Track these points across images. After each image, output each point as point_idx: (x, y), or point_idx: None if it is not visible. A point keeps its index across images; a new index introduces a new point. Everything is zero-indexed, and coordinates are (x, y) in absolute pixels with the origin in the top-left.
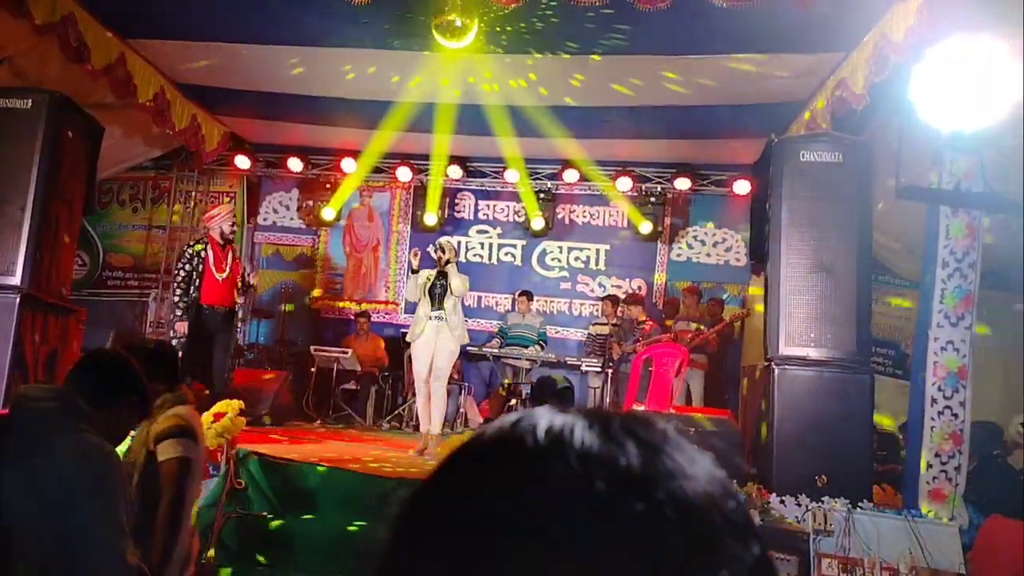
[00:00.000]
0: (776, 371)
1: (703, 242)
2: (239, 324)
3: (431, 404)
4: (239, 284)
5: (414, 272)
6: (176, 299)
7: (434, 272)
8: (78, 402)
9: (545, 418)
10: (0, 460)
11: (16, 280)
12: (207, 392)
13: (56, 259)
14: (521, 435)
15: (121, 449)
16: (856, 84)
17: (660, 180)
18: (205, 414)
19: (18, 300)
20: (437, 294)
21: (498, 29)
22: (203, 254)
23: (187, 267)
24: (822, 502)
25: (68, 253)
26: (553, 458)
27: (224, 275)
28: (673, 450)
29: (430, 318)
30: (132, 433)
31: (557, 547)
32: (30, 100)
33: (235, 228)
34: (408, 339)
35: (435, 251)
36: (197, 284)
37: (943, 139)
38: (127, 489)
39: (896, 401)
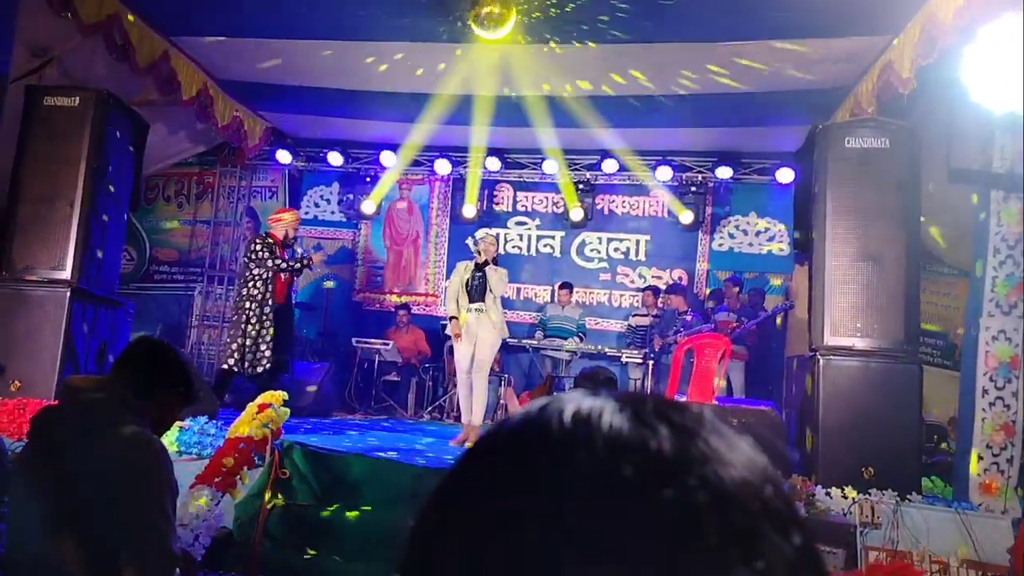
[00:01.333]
0: (821, 361)
1: (745, 232)
2: (292, 318)
3: (473, 395)
4: (300, 266)
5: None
6: (296, 265)
7: (471, 264)
8: (125, 393)
9: (574, 402)
10: (51, 450)
11: (67, 275)
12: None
13: (105, 254)
14: (547, 419)
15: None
16: (903, 68)
17: (701, 169)
18: (250, 405)
19: (69, 294)
20: (475, 287)
21: (536, 19)
22: (277, 252)
23: (259, 270)
24: (869, 494)
25: (116, 248)
26: (579, 442)
27: (285, 273)
28: (709, 434)
29: (469, 310)
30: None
31: (581, 535)
32: (77, 98)
33: (297, 236)
34: (450, 332)
35: (473, 244)
36: (272, 280)
37: (995, 121)
38: (173, 479)
39: (945, 392)
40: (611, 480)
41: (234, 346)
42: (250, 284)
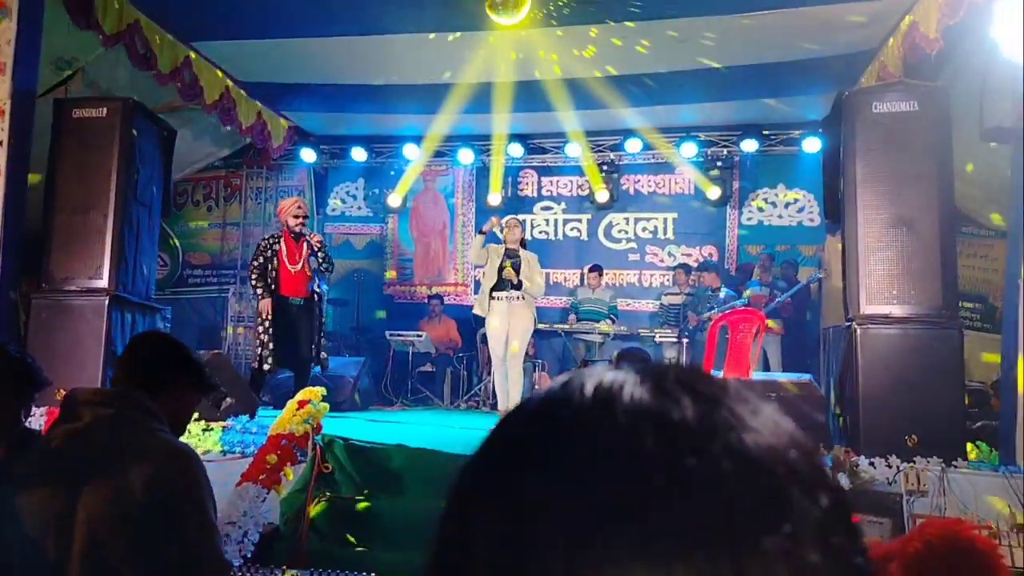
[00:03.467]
0: (859, 331)
1: (774, 204)
2: (320, 312)
3: (508, 382)
4: (318, 262)
5: (481, 233)
6: (253, 290)
7: (502, 250)
8: (138, 399)
9: (595, 376)
10: (76, 473)
11: (104, 283)
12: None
13: (140, 261)
14: (569, 394)
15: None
16: (929, 28)
17: (726, 143)
18: (290, 402)
19: (107, 302)
20: (504, 275)
21: (552, 2)
22: (275, 247)
23: (258, 260)
24: (914, 462)
25: (150, 254)
26: (599, 415)
27: (297, 267)
28: (732, 401)
29: (499, 299)
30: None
31: (605, 508)
32: (105, 109)
33: (300, 220)
34: (476, 313)
35: (500, 230)
36: (274, 276)
37: None
38: (209, 485)
39: (987, 355)
40: (634, 451)
41: (255, 345)
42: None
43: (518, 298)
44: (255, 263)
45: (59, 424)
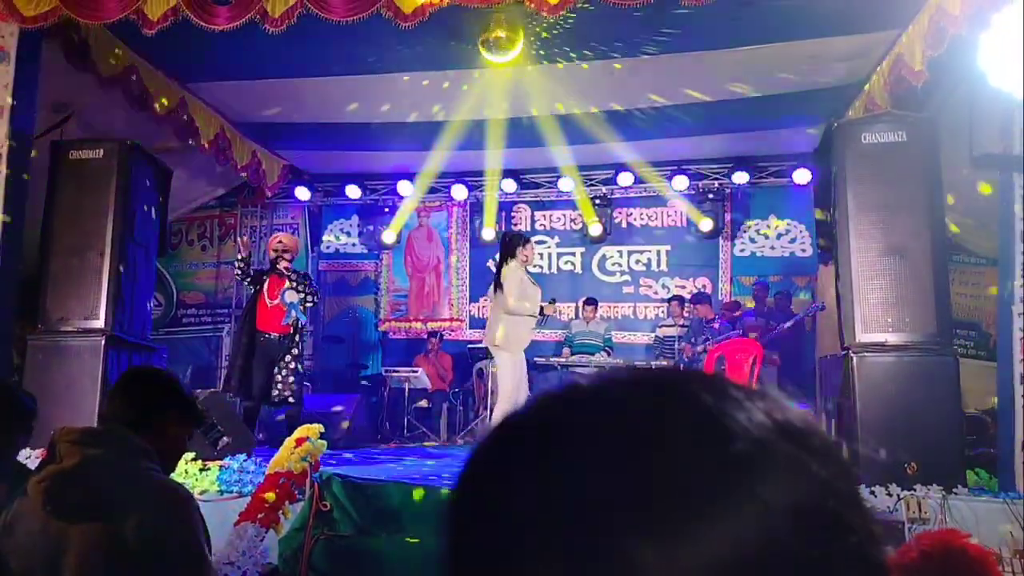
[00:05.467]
0: (855, 359)
1: (766, 235)
2: (296, 350)
3: None
4: (299, 294)
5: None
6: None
7: (526, 274)
8: (128, 438)
9: (583, 378)
10: (66, 514)
11: (100, 323)
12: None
13: (136, 301)
14: (564, 393)
15: None
16: (914, 60)
17: (717, 176)
18: (287, 439)
19: (103, 342)
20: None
21: (543, 40)
22: (264, 278)
23: (242, 267)
24: (914, 490)
25: (146, 295)
26: (597, 409)
27: (274, 302)
28: (737, 391)
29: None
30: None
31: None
32: (102, 150)
33: (279, 256)
34: (509, 349)
35: (531, 252)
36: (251, 310)
37: (1015, 106)
38: (204, 525)
39: (982, 383)
40: (639, 433)
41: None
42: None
43: (538, 327)
44: (239, 270)
45: (47, 464)
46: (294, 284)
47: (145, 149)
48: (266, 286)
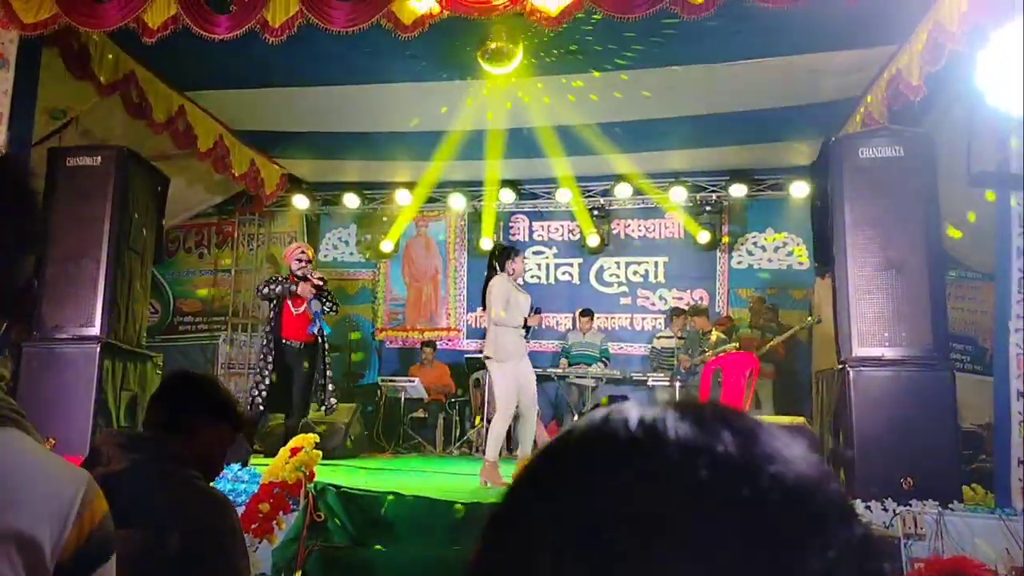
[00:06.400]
0: (851, 373)
1: (763, 248)
2: (324, 357)
3: (523, 430)
4: (322, 301)
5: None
6: (268, 291)
7: (514, 287)
8: (171, 445)
9: (635, 411)
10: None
11: (96, 330)
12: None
13: (131, 308)
14: (615, 429)
15: None
16: (912, 76)
17: (715, 188)
18: (282, 449)
19: (98, 349)
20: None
21: (543, 52)
22: (291, 288)
23: (268, 288)
24: (910, 505)
25: (142, 302)
26: (651, 449)
27: (299, 310)
28: (767, 437)
29: (519, 338)
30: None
31: (668, 537)
32: (99, 157)
33: (303, 264)
34: (500, 358)
35: (519, 264)
36: (277, 319)
37: (1013, 123)
38: (243, 534)
39: (979, 398)
40: (689, 483)
41: (253, 383)
42: (265, 324)
43: (526, 339)
44: (266, 289)
45: (94, 466)
46: (318, 293)
47: (143, 156)
48: (290, 296)
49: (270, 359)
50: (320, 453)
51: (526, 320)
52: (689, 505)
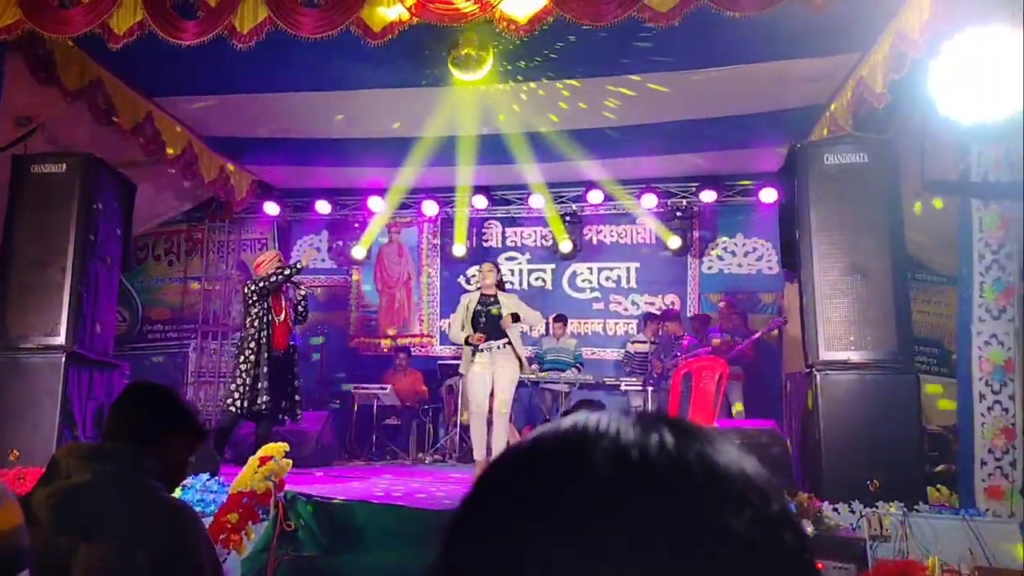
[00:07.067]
0: (818, 377)
1: (733, 253)
2: (296, 363)
3: (495, 433)
4: (298, 310)
5: (467, 344)
6: (251, 343)
7: (477, 297)
8: (136, 456)
9: (581, 416)
10: (74, 530)
11: (61, 340)
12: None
13: (98, 317)
14: (558, 431)
15: None
16: (875, 83)
17: (685, 194)
18: (252, 458)
19: (64, 359)
20: (483, 324)
21: (514, 59)
22: (269, 298)
23: (255, 309)
24: (876, 507)
25: (109, 311)
26: (590, 446)
27: (281, 318)
28: (705, 434)
29: (480, 350)
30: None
31: (600, 529)
32: (64, 164)
33: (281, 272)
34: (461, 371)
35: (480, 275)
36: (268, 324)
37: (967, 132)
38: (211, 544)
39: (944, 400)
40: (624, 476)
41: (232, 388)
42: (250, 328)
43: (501, 347)
44: (253, 309)
45: (54, 478)
46: (297, 301)
47: (109, 164)
48: (270, 304)
49: (259, 362)
50: (290, 462)
51: (467, 338)
52: (625, 497)
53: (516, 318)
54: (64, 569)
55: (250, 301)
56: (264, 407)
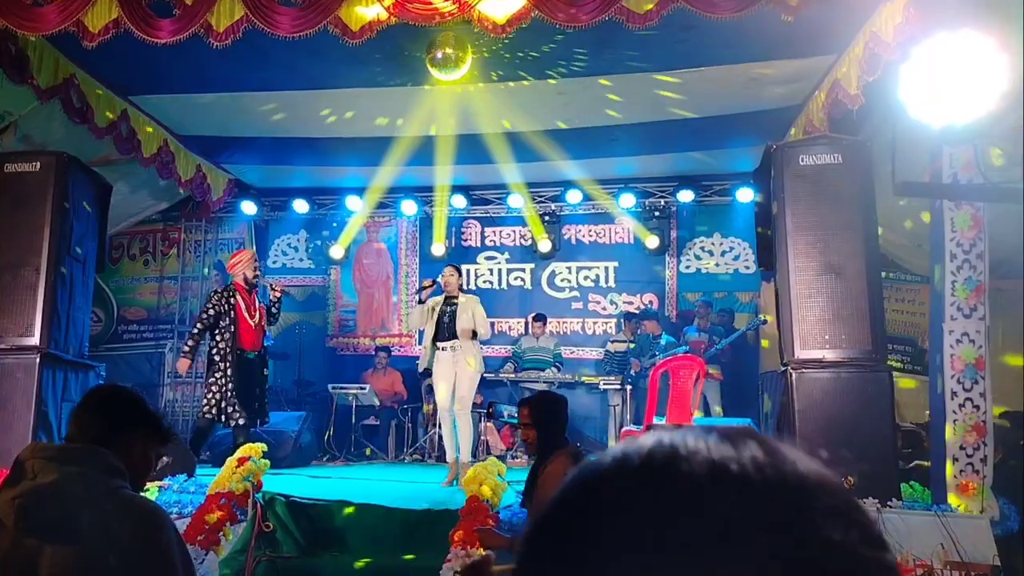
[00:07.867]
0: (794, 375)
1: (711, 252)
2: (266, 365)
3: (458, 433)
4: (271, 311)
5: (420, 303)
6: (191, 340)
7: (442, 299)
8: (103, 456)
9: (657, 434)
10: (41, 531)
11: (35, 340)
12: None
13: (73, 318)
14: (642, 448)
15: None
16: (850, 85)
17: (663, 194)
18: (229, 459)
19: (38, 360)
20: (445, 324)
21: (492, 58)
22: (232, 300)
23: (207, 313)
24: None
25: (84, 311)
26: (677, 462)
27: (254, 320)
28: (780, 446)
29: (443, 348)
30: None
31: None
32: (38, 163)
33: (258, 273)
34: (419, 368)
35: (442, 279)
36: (232, 330)
37: (937, 134)
38: (182, 543)
39: (918, 398)
40: (721, 488)
41: (208, 396)
42: (216, 336)
43: (462, 346)
44: (205, 316)
45: (20, 480)
46: (271, 303)
47: (84, 162)
48: (242, 306)
49: (227, 369)
50: (268, 462)
51: (419, 296)
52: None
53: (474, 335)
54: (31, 571)
55: (218, 311)
56: (239, 418)
